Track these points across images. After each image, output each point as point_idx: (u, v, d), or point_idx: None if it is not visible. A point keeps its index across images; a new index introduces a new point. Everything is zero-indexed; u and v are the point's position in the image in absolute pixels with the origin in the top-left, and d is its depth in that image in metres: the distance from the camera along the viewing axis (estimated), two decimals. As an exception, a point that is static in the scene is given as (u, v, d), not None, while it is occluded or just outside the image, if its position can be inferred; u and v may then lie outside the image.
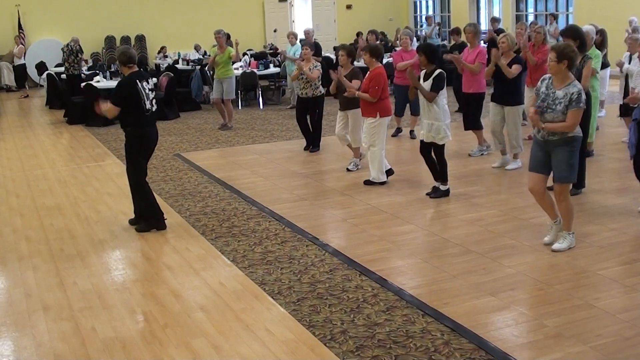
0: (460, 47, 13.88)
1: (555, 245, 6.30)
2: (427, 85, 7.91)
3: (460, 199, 8.02)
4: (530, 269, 5.88)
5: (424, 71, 8.08)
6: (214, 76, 13.49)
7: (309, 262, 6.28)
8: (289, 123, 13.44)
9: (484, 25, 24.37)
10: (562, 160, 6.14)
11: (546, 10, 21.44)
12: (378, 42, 15.08)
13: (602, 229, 6.84)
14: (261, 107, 16.47)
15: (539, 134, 6.21)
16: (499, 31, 15.41)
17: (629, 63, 10.06)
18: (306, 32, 15.98)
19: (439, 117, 7.92)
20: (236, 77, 16.41)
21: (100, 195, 8.89)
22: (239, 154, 11.17)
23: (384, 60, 14.75)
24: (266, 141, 12.17)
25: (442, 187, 8.17)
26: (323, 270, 6.05)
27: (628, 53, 10.19)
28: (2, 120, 16.06)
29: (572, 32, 7.77)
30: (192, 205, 8.27)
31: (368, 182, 8.81)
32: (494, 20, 17.43)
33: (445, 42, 21.52)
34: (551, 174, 6.31)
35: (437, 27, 21.46)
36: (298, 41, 15.37)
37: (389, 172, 8.95)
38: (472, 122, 10.29)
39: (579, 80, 7.61)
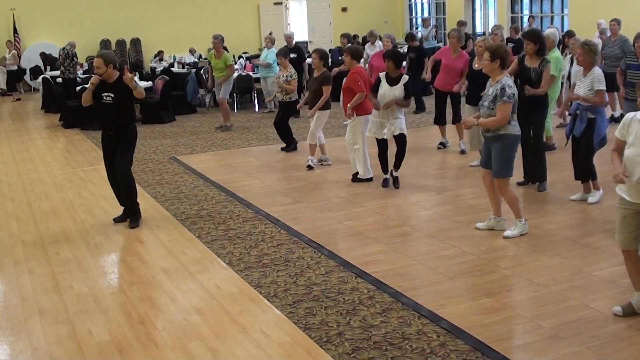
0: (417, 50, 14.09)
1: (507, 232, 6.69)
2: (397, 90, 8.30)
3: (455, 201, 8.04)
4: (526, 270, 5.89)
5: (383, 74, 8.49)
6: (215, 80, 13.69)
7: (305, 264, 6.28)
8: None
9: (480, 27, 24.45)
10: (495, 156, 6.57)
11: (541, 12, 21.48)
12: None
13: (597, 230, 6.86)
14: (257, 110, 16.46)
15: (483, 132, 6.67)
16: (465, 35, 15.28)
17: (570, 65, 10.62)
18: (286, 37, 15.83)
19: (401, 114, 8.48)
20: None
21: (96, 199, 8.88)
22: (235, 157, 11.17)
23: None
24: (262, 144, 12.17)
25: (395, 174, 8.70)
26: (319, 273, 6.05)
27: (570, 55, 10.55)
28: (-3, 124, 16.06)
29: (533, 35, 8.12)
30: (187, 208, 8.26)
31: (355, 179, 9.03)
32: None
33: (441, 45, 21.57)
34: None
35: (434, 30, 21.48)
36: (274, 46, 15.38)
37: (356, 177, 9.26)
38: (454, 117, 10.82)
39: (538, 84, 7.97)
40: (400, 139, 8.54)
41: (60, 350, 4.88)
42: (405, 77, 8.44)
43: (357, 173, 9.09)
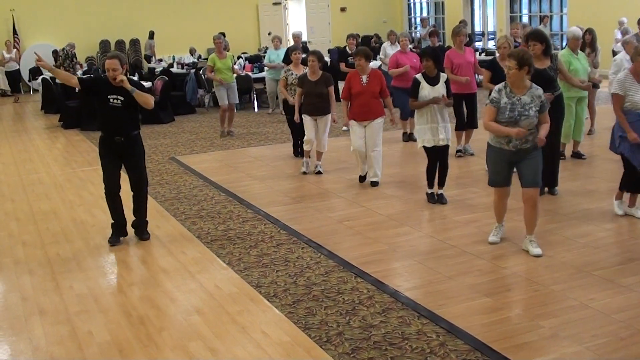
0: (437, 50, 13.33)
1: (538, 251, 6.20)
2: (440, 89, 7.78)
3: (455, 201, 8.04)
4: (526, 270, 5.90)
5: (420, 76, 7.91)
6: (216, 83, 13.00)
7: (305, 264, 6.29)
8: (283, 126, 13.42)
9: (479, 27, 24.44)
10: (537, 165, 6.19)
11: (540, 12, 21.50)
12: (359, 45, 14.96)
13: (597, 229, 6.86)
14: (256, 110, 16.47)
15: (509, 145, 6.10)
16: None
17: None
18: (295, 36, 15.37)
19: (447, 117, 7.95)
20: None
21: (96, 199, 8.87)
22: (235, 157, 11.18)
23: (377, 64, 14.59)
24: (261, 144, 12.18)
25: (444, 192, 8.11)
26: (318, 273, 6.06)
27: (628, 56, 10.01)
28: (-3, 125, 16.06)
29: (539, 36, 7.88)
30: (187, 208, 8.27)
31: (375, 184, 8.81)
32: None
33: (440, 44, 21.56)
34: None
35: (432, 29, 21.49)
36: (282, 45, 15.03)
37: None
38: (471, 121, 10.43)
39: (555, 81, 7.80)
40: (445, 152, 7.97)
41: (61, 351, 4.88)
42: (444, 75, 7.96)
43: (365, 177, 8.97)
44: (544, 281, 5.63)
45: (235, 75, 13.24)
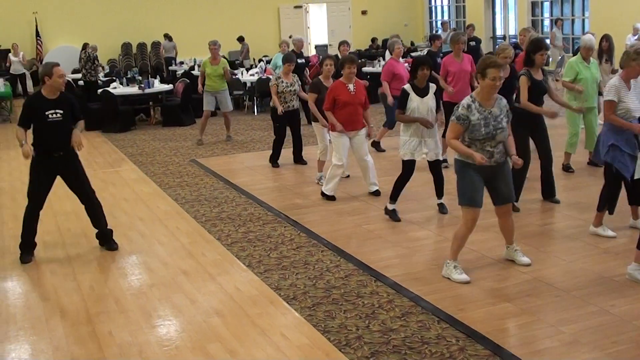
0: (438, 54, 12.77)
1: (526, 260, 6.11)
2: (430, 101, 7.45)
3: (475, 205, 8.00)
4: (546, 275, 5.86)
5: (408, 86, 7.45)
6: (205, 89, 12.80)
7: (324, 267, 6.29)
8: (303, 129, 13.42)
9: (500, 31, 24.32)
10: (510, 177, 5.98)
11: (562, 15, 21.39)
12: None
13: (618, 234, 6.80)
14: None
15: (491, 160, 5.70)
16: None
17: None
18: (298, 41, 14.79)
19: (437, 130, 7.66)
20: (252, 83, 16.52)
21: (117, 201, 8.95)
22: (255, 160, 11.21)
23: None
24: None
25: (444, 201, 7.95)
26: (338, 276, 6.06)
27: None
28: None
29: (547, 45, 7.70)
30: (208, 210, 8.30)
31: (378, 193, 8.61)
32: (471, 28, 17.08)
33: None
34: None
35: (434, 34, 21.41)
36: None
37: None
38: None
39: (546, 93, 7.64)
40: (437, 166, 7.75)
41: (81, 351, 4.92)
42: (434, 86, 7.54)
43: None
44: (564, 287, 5.60)
45: (226, 79, 12.95)
